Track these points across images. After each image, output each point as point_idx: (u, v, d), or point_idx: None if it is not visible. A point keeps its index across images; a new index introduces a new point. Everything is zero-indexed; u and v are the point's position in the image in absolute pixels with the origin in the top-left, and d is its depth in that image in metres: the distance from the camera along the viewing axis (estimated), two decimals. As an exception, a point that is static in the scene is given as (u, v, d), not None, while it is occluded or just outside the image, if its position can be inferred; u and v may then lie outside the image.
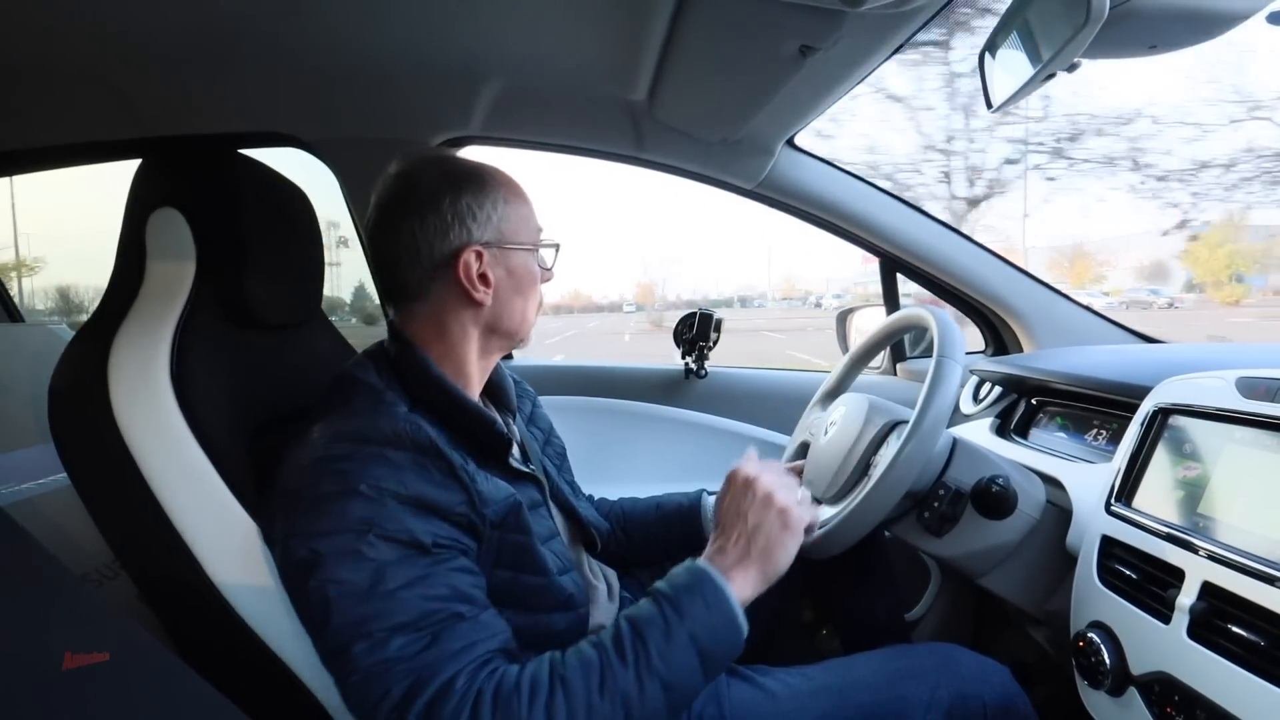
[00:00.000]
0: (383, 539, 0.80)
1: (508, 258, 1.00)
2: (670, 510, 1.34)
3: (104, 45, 1.17)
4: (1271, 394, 0.86)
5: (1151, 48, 0.91)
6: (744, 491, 0.95)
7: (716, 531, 0.95)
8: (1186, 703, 0.80)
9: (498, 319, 1.01)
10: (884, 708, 0.97)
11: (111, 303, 0.97)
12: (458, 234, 0.96)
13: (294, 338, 1.17)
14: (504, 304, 1.00)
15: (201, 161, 1.05)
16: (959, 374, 1.03)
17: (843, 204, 1.78)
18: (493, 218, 0.98)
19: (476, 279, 0.97)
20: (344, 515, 0.80)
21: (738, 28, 1.06)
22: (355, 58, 1.30)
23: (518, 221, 1.01)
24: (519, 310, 1.02)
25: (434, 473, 0.85)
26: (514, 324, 1.02)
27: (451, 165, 1.00)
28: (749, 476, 0.96)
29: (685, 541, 1.31)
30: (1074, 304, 1.85)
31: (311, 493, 0.82)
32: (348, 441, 0.85)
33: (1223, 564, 0.80)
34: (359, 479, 0.81)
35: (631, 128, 1.64)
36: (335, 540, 0.80)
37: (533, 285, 1.04)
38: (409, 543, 0.81)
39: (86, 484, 0.91)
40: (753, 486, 0.95)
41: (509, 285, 1.00)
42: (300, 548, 0.81)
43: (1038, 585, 1.14)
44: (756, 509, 0.93)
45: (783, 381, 2.10)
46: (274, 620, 0.88)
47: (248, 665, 0.88)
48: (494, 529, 0.90)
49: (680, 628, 0.82)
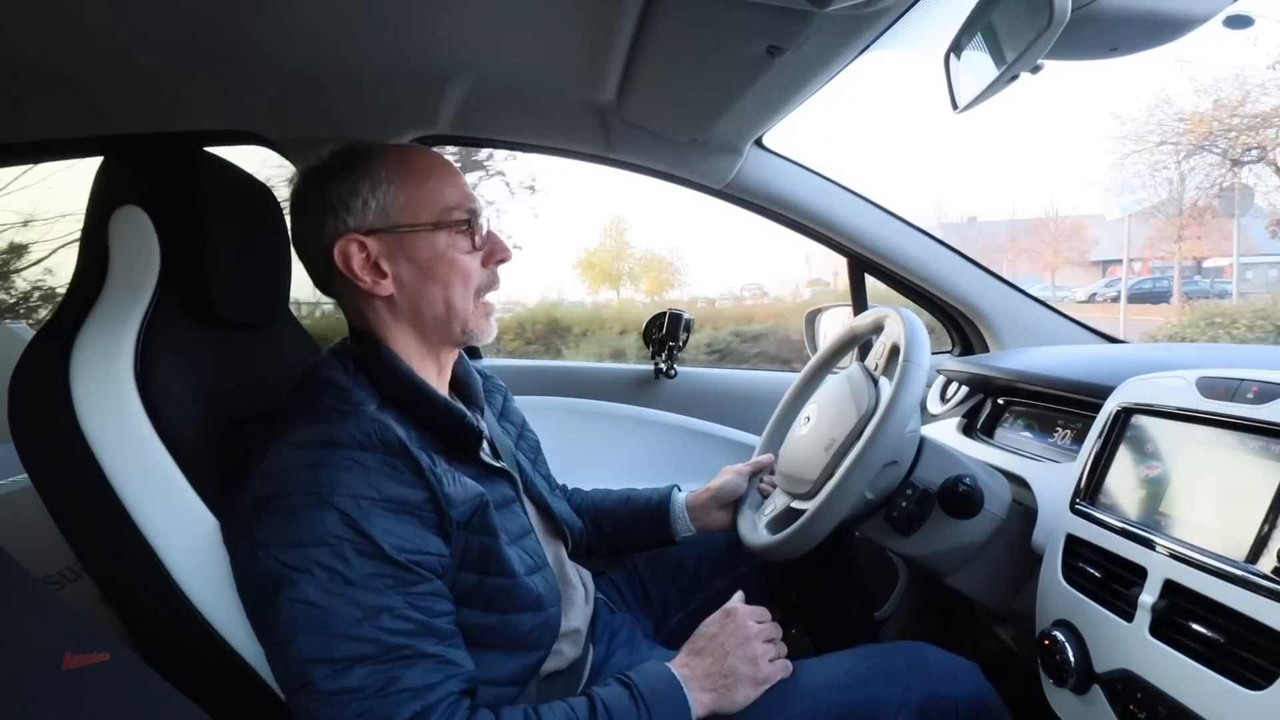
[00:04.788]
0: (356, 554, 0.79)
1: (406, 243, 0.94)
2: (640, 505, 1.34)
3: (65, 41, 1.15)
4: (1231, 394, 0.87)
5: (1113, 50, 0.92)
6: (727, 624, 1.00)
7: (692, 648, 1.00)
8: (1148, 700, 0.81)
9: (416, 309, 0.96)
10: (855, 709, 0.97)
11: (73, 301, 0.95)
12: (331, 226, 0.93)
13: (261, 337, 1.16)
14: (416, 292, 0.95)
15: (165, 159, 1.03)
16: (923, 376, 1.04)
17: (811, 204, 1.78)
18: (371, 203, 0.93)
19: (361, 270, 0.93)
20: (316, 527, 0.79)
21: (705, 28, 1.06)
22: (321, 55, 1.28)
23: (412, 201, 0.94)
24: (438, 297, 0.96)
25: (404, 471, 0.84)
26: (438, 313, 0.97)
27: (333, 154, 0.97)
28: (736, 613, 1.02)
29: (653, 536, 1.32)
30: (1040, 304, 1.87)
31: (280, 503, 0.81)
32: (315, 448, 0.83)
33: (1184, 562, 0.81)
34: (330, 488, 0.80)
35: (600, 127, 1.63)
36: (306, 554, 0.78)
37: (449, 268, 0.96)
38: (380, 557, 0.80)
39: (48, 485, 0.89)
40: (737, 625, 1.00)
41: (414, 273, 0.95)
42: (269, 560, 0.79)
43: (1004, 584, 1.15)
44: (735, 648, 0.98)
45: (752, 382, 2.11)
46: (239, 623, 0.87)
47: (211, 667, 0.87)
48: (460, 530, 0.89)
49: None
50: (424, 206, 0.95)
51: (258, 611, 0.83)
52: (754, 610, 1.03)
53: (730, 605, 1.04)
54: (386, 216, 0.93)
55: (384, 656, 0.78)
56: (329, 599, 0.77)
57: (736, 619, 1.01)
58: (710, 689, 0.94)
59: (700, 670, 0.96)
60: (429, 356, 1.01)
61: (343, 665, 0.76)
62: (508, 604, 0.93)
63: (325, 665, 0.76)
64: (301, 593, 0.77)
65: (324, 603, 0.77)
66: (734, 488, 1.31)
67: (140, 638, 0.92)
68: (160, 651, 0.89)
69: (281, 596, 0.78)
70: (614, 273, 24.57)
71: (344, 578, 0.78)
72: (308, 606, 0.77)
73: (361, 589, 0.78)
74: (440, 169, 0.98)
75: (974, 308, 1.85)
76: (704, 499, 1.32)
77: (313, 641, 0.77)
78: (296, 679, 0.78)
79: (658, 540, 1.32)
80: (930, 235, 1.84)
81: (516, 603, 0.94)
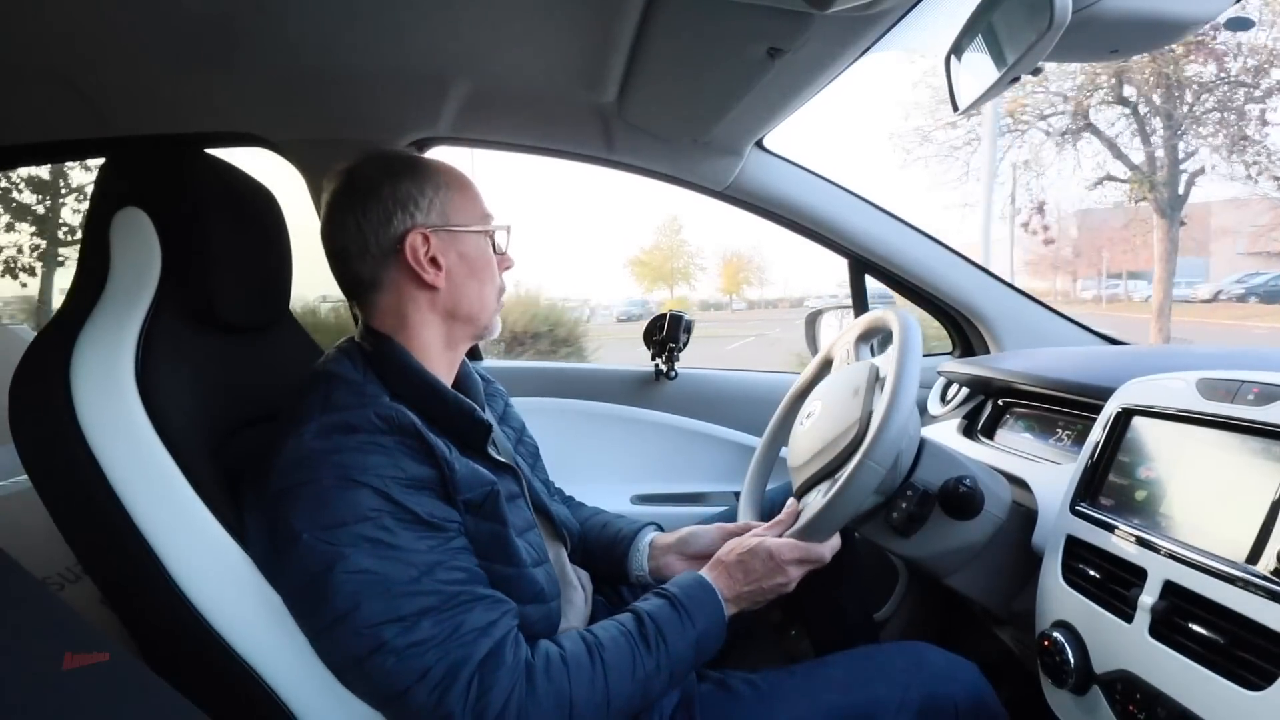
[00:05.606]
0: (396, 522, 0.84)
1: (457, 241, 1.02)
2: (610, 537, 1.29)
3: (67, 43, 1.15)
4: (1231, 395, 0.87)
5: (1113, 52, 0.92)
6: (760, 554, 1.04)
7: (723, 566, 1.05)
8: (1148, 701, 0.81)
9: (455, 303, 1.03)
10: (855, 709, 0.97)
11: (74, 303, 0.95)
12: (400, 219, 0.98)
13: (261, 339, 1.16)
14: (460, 287, 1.02)
15: (166, 161, 1.03)
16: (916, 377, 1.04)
17: (812, 206, 1.79)
18: (435, 203, 1.00)
19: (426, 261, 0.99)
20: (353, 506, 0.83)
21: (706, 30, 1.06)
22: (322, 58, 1.28)
23: (462, 206, 1.03)
24: (475, 294, 1.04)
25: (418, 453, 0.89)
26: (473, 308, 1.04)
27: (389, 158, 1.03)
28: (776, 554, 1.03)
29: (610, 571, 1.27)
30: (1040, 306, 1.87)
31: (311, 488, 0.84)
32: (337, 434, 0.87)
33: (1184, 563, 0.81)
34: (357, 469, 0.84)
35: (601, 129, 1.63)
36: (350, 531, 0.82)
37: (487, 269, 1.05)
38: (420, 521, 0.86)
39: (48, 486, 0.89)
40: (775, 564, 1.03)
41: (462, 268, 1.02)
42: (314, 542, 0.83)
43: (1003, 585, 1.15)
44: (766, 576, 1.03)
45: (752, 383, 2.11)
46: (240, 625, 0.87)
47: (211, 668, 0.87)
48: (469, 513, 0.92)
49: (692, 632, 0.95)
50: (471, 212, 1.04)
51: (309, 594, 0.85)
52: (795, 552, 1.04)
53: (766, 543, 1.05)
54: (445, 217, 1.01)
55: (446, 606, 0.83)
56: (383, 564, 0.82)
57: (774, 556, 1.03)
58: (738, 605, 1.02)
59: (732, 591, 1.02)
60: (446, 352, 1.05)
61: (411, 620, 0.82)
62: (511, 593, 0.93)
63: (394, 624, 0.81)
64: (354, 564, 0.82)
65: (379, 568, 0.82)
66: (702, 542, 1.24)
67: (140, 638, 0.92)
68: (160, 652, 0.89)
69: (336, 571, 0.81)
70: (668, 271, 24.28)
71: (390, 545, 0.83)
72: (364, 575, 0.82)
73: (409, 551, 0.84)
74: (474, 184, 1.07)
75: (974, 309, 1.86)
76: (669, 541, 1.26)
77: (377, 604, 0.81)
78: (367, 645, 0.81)
79: (614, 575, 1.28)
80: (930, 236, 1.85)
81: (521, 593, 0.94)
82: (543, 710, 0.84)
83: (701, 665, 1.01)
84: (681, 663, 0.94)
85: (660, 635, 0.93)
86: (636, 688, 0.90)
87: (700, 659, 0.97)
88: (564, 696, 0.85)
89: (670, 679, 0.94)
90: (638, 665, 0.90)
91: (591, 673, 0.88)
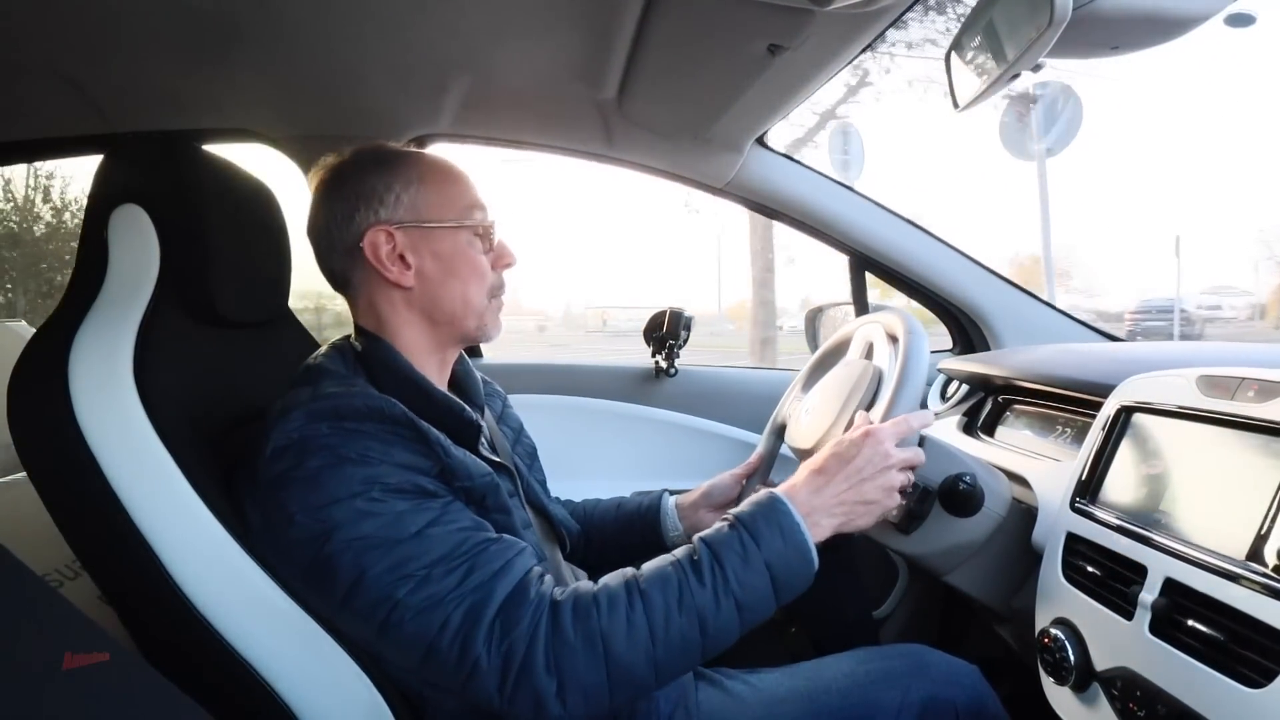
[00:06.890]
0: (389, 493, 0.83)
1: (431, 238, 0.98)
2: (630, 511, 1.31)
3: (66, 39, 1.15)
4: (1231, 392, 0.87)
5: (1114, 49, 0.92)
6: (865, 448, 0.94)
7: (818, 467, 0.94)
8: (1148, 698, 0.81)
9: (433, 304, 0.99)
10: (855, 712, 0.97)
11: (72, 300, 0.95)
12: (363, 215, 0.96)
13: (260, 335, 1.16)
14: (437, 287, 0.99)
15: (165, 157, 1.03)
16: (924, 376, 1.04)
17: (812, 203, 1.79)
18: (404, 198, 0.97)
19: (388, 260, 0.96)
20: (344, 482, 0.82)
21: (706, 26, 1.06)
22: (322, 54, 1.28)
23: (438, 201, 0.99)
24: (457, 294, 0.99)
25: (411, 442, 0.87)
26: (454, 309, 1.00)
27: (364, 151, 1.01)
28: (879, 436, 0.94)
29: (644, 543, 1.28)
30: (1040, 302, 1.87)
31: (299, 471, 0.83)
32: (324, 421, 0.85)
33: (1184, 560, 0.81)
34: (347, 450, 0.83)
35: (601, 126, 1.63)
36: (344, 506, 0.81)
37: (468, 267, 1.00)
38: (414, 491, 0.84)
39: (47, 483, 0.88)
40: (880, 451, 0.93)
41: (437, 267, 0.98)
42: (308, 521, 0.82)
43: (1003, 582, 1.15)
44: (872, 475, 0.92)
45: (752, 380, 2.11)
46: (239, 623, 0.87)
47: (211, 666, 0.86)
48: (470, 504, 0.90)
49: (757, 554, 0.85)
50: (448, 206, 0.99)
51: (315, 574, 0.84)
52: (896, 429, 0.96)
53: (873, 427, 0.96)
54: (415, 212, 0.97)
55: (454, 554, 0.81)
56: (382, 529, 0.81)
57: (880, 444, 0.94)
58: (838, 515, 0.91)
59: (829, 497, 0.91)
60: (434, 353, 1.02)
61: (422, 574, 0.80)
62: None
63: (405, 581, 0.80)
64: (353, 533, 0.81)
65: (379, 532, 0.81)
66: (724, 489, 1.28)
67: (140, 636, 0.92)
68: (160, 650, 0.89)
69: (334, 543, 0.81)
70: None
71: (384, 512, 0.82)
72: (364, 540, 0.80)
73: (406, 514, 0.82)
74: (463, 176, 1.03)
75: (974, 306, 1.86)
76: (694, 499, 1.29)
77: (382, 566, 0.80)
78: (383, 609, 0.80)
79: (649, 545, 1.28)
80: (931, 233, 1.85)
81: None
82: (572, 649, 0.79)
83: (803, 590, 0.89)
84: (753, 592, 0.84)
85: (716, 561, 0.84)
86: (689, 623, 0.82)
87: (784, 591, 0.86)
88: (594, 633, 0.80)
89: (740, 614, 0.84)
90: (686, 596, 0.82)
91: (629, 608, 0.81)
